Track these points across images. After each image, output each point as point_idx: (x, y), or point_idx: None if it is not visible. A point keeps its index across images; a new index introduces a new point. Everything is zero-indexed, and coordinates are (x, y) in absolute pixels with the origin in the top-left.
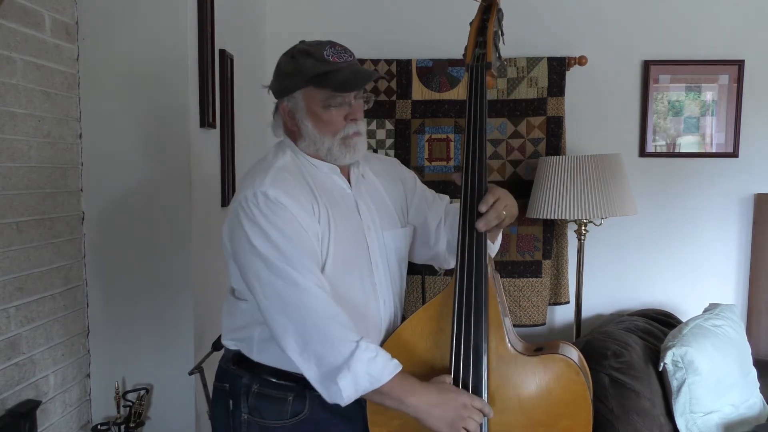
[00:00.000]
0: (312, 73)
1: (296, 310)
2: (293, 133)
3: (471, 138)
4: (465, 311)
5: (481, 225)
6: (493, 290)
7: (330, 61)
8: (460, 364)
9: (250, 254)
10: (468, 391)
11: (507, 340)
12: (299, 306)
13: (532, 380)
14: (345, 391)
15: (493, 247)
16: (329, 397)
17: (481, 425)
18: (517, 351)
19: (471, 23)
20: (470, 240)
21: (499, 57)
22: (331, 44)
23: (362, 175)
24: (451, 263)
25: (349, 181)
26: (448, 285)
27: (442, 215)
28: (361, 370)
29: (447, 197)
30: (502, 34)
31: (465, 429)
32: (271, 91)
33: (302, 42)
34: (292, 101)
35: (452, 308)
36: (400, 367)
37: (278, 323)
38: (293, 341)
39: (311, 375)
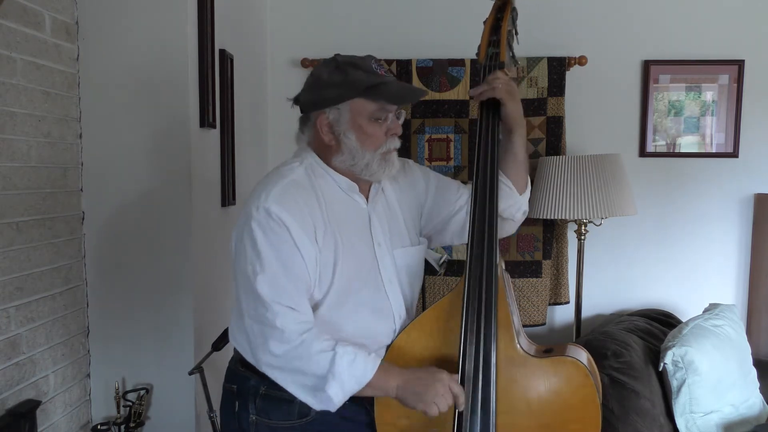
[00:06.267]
0: (365, 84)
1: (272, 330)
2: (328, 148)
3: (483, 136)
4: (474, 310)
5: (471, 91)
6: (503, 290)
7: (379, 74)
8: (468, 364)
9: (242, 270)
10: (477, 392)
11: (516, 341)
12: (274, 331)
13: (541, 382)
14: (335, 397)
15: (522, 199)
16: (318, 405)
17: (486, 425)
18: (526, 352)
19: (485, 22)
20: (480, 238)
21: (513, 56)
22: (374, 58)
23: (382, 189)
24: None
25: (367, 195)
26: (458, 284)
27: (467, 202)
28: (345, 375)
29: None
30: (516, 33)
31: (435, 404)
32: (295, 105)
33: (339, 55)
34: (335, 113)
35: (461, 307)
36: (379, 361)
37: (256, 341)
38: (271, 358)
39: (295, 388)
